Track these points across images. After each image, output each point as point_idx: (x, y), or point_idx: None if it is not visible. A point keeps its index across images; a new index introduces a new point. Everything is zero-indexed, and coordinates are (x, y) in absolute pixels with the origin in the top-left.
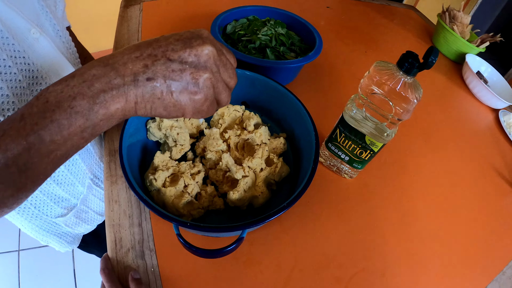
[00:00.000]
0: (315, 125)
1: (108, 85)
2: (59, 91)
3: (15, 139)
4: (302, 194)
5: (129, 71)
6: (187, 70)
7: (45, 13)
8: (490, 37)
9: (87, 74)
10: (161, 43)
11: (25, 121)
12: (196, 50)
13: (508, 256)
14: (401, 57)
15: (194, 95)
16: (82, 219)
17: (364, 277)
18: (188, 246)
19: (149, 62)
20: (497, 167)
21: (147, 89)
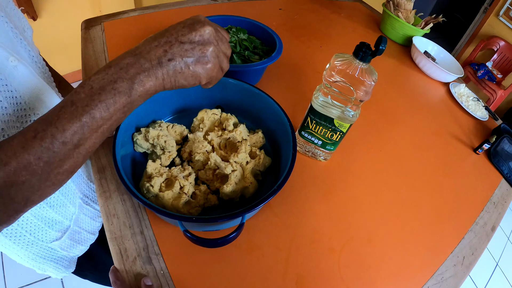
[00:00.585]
0: (288, 116)
1: (141, 69)
2: (101, 79)
3: (70, 120)
4: (288, 177)
5: (154, 56)
6: (196, 47)
7: (19, 41)
8: (433, 18)
9: (121, 63)
10: (172, 31)
11: (76, 105)
12: (199, 31)
13: (478, 208)
14: (356, 47)
15: (205, 65)
16: (76, 240)
17: (353, 245)
18: (196, 239)
19: (167, 47)
20: (455, 133)
21: (170, 67)
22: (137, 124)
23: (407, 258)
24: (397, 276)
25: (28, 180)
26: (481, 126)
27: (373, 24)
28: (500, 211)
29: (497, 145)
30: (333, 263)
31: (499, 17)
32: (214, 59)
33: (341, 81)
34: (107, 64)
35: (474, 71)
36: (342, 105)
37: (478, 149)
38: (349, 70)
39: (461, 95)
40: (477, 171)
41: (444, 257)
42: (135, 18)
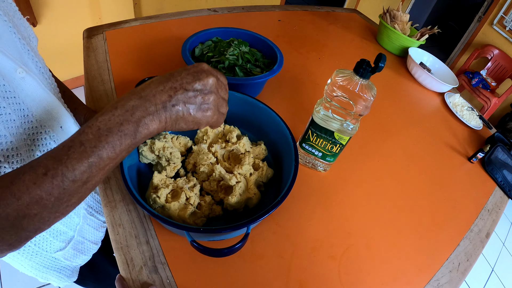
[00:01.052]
0: (290, 129)
1: (146, 112)
2: (107, 120)
3: (79, 160)
4: (291, 188)
5: (159, 101)
6: (199, 95)
7: (26, 52)
8: (428, 30)
9: (127, 105)
10: (177, 77)
11: (85, 146)
12: (203, 81)
13: (473, 215)
14: (356, 64)
15: (206, 112)
16: (79, 250)
17: (353, 252)
18: (203, 249)
19: (172, 93)
20: (450, 143)
21: (173, 112)
22: None
23: (404, 264)
24: (395, 282)
25: (39, 213)
26: (475, 135)
27: (370, 35)
28: (494, 218)
29: (491, 153)
30: (334, 270)
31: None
32: (214, 107)
33: (342, 96)
34: (113, 104)
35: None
36: (342, 119)
37: (473, 158)
38: (350, 85)
39: (455, 105)
40: (472, 180)
41: (440, 264)
42: (137, 28)
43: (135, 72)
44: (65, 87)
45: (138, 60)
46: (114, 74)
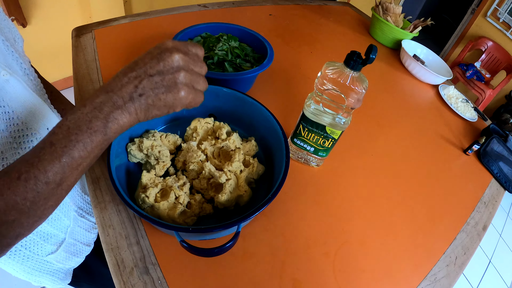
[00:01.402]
0: (280, 124)
1: (114, 107)
2: (76, 119)
3: (51, 161)
4: (282, 185)
5: (125, 93)
6: (166, 77)
7: (10, 53)
8: (421, 22)
9: (95, 102)
10: (141, 64)
11: (55, 146)
12: (167, 61)
13: (469, 208)
14: (347, 56)
15: (177, 93)
16: (72, 253)
17: (347, 248)
18: (193, 249)
19: (137, 82)
20: (445, 135)
21: (142, 102)
22: (130, 135)
23: (401, 260)
24: (391, 278)
25: (17, 219)
26: (470, 127)
27: (363, 28)
28: (491, 210)
29: (486, 145)
30: (328, 268)
31: (487, 18)
32: (185, 86)
33: (333, 89)
34: (82, 103)
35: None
36: (334, 113)
37: (468, 150)
38: (340, 78)
39: (450, 97)
40: (468, 172)
41: (437, 258)
42: (126, 25)
43: None
44: (52, 88)
45: (128, 58)
46: (103, 73)
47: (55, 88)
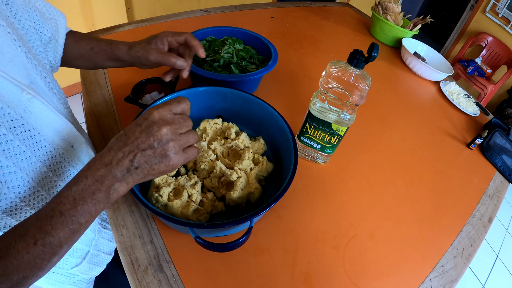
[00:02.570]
0: (287, 122)
1: (114, 180)
2: (80, 190)
3: (62, 229)
4: (291, 181)
5: (123, 167)
6: (157, 150)
7: (34, 67)
8: (421, 20)
9: (96, 175)
10: (132, 139)
11: (65, 216)
12: (156, 136)
13: (474, 201)
14: (350, 55)
15: (168, 162)
16: (95, 263)
17: (356, 242)
18: (207, 244)
19: (131, 157)
20: (448, 130)
21: (138, 173)
22: None
23: (409, 252)
24: (400, 270)
25: (35, 274)
26: (473, 122)
27: (363, 27)
28: (496, 203)
29: (489, 139)
30: (338, 261)
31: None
32: (175, 154)
33: (337, 87)
34: (83, 174)
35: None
36: (339, 110)
37: (471, 144)
38: (344, 76)
39: (452, 93)
40: (472, 166)
41: (444, 250)
42: (130, 31)
43: (131, 75)
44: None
45: None
46: (111, 78)
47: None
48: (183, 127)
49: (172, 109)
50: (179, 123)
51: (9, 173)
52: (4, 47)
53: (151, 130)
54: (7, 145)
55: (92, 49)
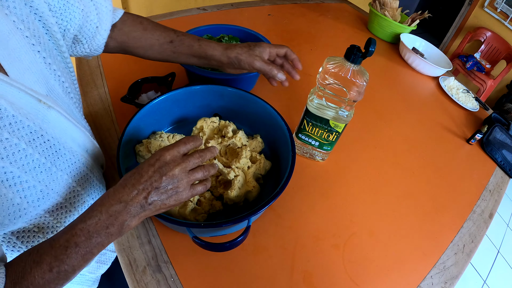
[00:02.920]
0: (285, 120)
1: (128, 215)
2: (95, 224)
3: (76, 258)
4: (289, 179)
5: (136, 203)
6: (168, 188)
7: (52, 73)
8: (419, 15)
9: (110, 210)
10: (145, 177)
11: (79, 247)
12: (168, 175)
13: (475, 196)
14: (347, 50)
15: (178, 197)
16: (102, 262)
17: (356, 240)
18: (205, 244)
19: (145, 194)
20: (447, 126)
21: (151, 209)
22: (138, 137)
23: (409, 249)
24: (400, 268)
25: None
26: (472, 117)
27: (361, 23)
28: (496, 198)
29: (489, 134)
30: (338, 259)
31: (484, 8)
32: (185, 190)
33: (334, 83)
34: (98, 208)
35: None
36: (336, 106)
37: (471, 139)
38: (341, 72)
39: (451, 88)
40: (472, 161)
41: (444, 246)
42: None
43: (128, 75)
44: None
45: (130, 63)
46: (107, 78)
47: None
48: (192, 165)
49: (180, 150)
50: (189, 161)
51: (28, 188)
52: (22, 54)
53: (163, 170)
54: (26, 160)
55: (171, 42)
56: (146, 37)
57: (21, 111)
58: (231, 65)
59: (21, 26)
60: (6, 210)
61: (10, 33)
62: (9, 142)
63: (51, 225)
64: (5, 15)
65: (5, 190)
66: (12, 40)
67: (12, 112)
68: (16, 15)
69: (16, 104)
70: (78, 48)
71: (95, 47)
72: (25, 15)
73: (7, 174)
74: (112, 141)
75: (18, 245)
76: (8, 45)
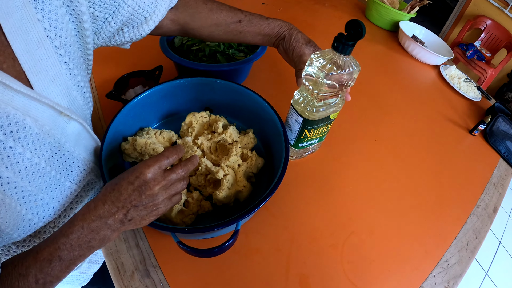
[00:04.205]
0: (278, 113)
1: (108, 230)
2: (77, 238)
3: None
4: (281, 178)
5: (117, 220)
6: (148, 205)
7: (76, 84)
8: (418, 2)
9: (91, 226)
10: (124, 195)
11: (63, 260)
12: (148, 194)
13: (478, 190)
14: (335, 40)
15: (157, 212)
16: (93, 261)
17: (355, 239)
18: (191, 250)
19: (125, 211)
20: (449, 116)
21: (131, 224)
22: (124, 134)
23: (411, 248)
24: (402, 268)
25: None
26: (474, 107)
27: (358, 11)
28: (500, 191)
29: (492, 125)
30: (336, 260)
31: None
32: (165, 204)
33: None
34: (79, 223)
35: (462, 51)
36: (333, 99)
37: (474, 130)
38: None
39: (452, 77)
40: (475, 153)
41: (448, 244)
42: None
43: (115, 69)
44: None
45: (118, 57)
46: (94, 74)
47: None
48: (172, 182)
49: (162, 166)
50: (170, 179)
51: (41, 205)
52: (48, 65)
53: (143, 189)
54: (44, 178)
55: (240, 22)
56: (213, 18)
57: (44, 128)
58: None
59: (52, 34)
60: (17, 225)
61: (40, 42)
62: (30, 161)
63: (48, 230)
64: (37, 20)
65: (19, 207)
66: (40, 50)
67: (36, 130)
68: (50, 20)
69: (39, 121)
70: (116, 38)
71: (137, 36)
72: (60, 19)
73: (24, 192)
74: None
75: (13, 249)
76: (35, 56)
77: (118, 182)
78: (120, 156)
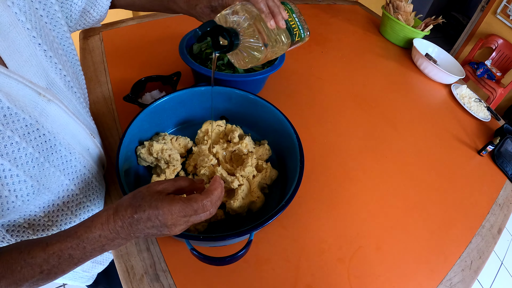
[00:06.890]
0: (294, 126)
1: (124, 241)
2: (92, 243)
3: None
4: (296, 191)
5: (133, 237)
6: (165, 234)
7: (53, 66)
8: (432, 20)
9: (108, 236)
10: (141, 227)
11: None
12: (166, 232)
13: (484, 211)
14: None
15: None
16: (97, 262)
17: (362, 254)
18: (204, 258)
19: (141, 235)
20: (458, 136)
21: (147, 238)
22: (140, 138)
23: (416, 265)
24: (407, 284)
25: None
26: (484, 127)
27: (373, 27)
28: (505, 212)
29: (500, 146)
30: (343, 274)
31: (497, 15)
32: (181, 231)
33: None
34: (96, 231)
35: (473, 70)
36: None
37: (482, 151)
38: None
39: (463, 97)
40: (482, 173)
41: (452, 262)
42: (133, 27)
43: (132, 72)
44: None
45: (135, 60)
46: (111, 75)
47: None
48: (192, 222)
49: (187, 213)
50: (191, 223)
51: (18, 182)
52: (22, 46)
53: (161, 230)
54: (18, 153)
55: (151, 2)
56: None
57: (18, 103)
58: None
59: (23, 18)
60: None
61: (11, 25)
62: (2, 134)
63: (42, 223)
64: (7, 6)
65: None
66: (12, 32)
67: (7, 104)
68: (19, 6)
69: (12, 96)
70: (87, 19)
71: (102, 11)
72: (28, 5)
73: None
74: (114, 141)
75: (7, 237)
76: (8, 37)
77: (137, 211)
78: (135, 159)
